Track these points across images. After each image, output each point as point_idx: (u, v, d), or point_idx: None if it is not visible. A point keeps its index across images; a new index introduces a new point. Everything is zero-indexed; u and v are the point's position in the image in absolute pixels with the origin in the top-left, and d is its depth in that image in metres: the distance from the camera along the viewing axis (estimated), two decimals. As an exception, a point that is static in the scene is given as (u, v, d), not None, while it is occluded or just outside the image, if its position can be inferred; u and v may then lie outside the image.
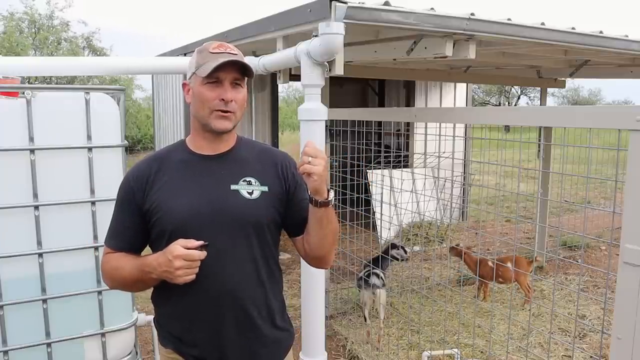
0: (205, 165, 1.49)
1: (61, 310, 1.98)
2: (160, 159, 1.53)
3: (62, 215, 1.94)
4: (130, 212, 1.48)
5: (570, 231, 6.46)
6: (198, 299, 1.44)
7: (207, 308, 1.45)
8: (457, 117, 2.34)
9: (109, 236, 1.52)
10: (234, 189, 1.47)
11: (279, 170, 1.55)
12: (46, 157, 1.89)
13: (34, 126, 1.86)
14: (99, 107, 1.97)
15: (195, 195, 1.45)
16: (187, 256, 1.30)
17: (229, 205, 1.45)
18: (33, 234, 1.89)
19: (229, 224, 1.45)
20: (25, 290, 1.91)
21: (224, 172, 1.49)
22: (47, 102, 1.90)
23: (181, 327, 1.50)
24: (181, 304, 1.47)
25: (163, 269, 1.32)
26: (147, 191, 1.46)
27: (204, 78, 1.40)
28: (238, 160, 1.53)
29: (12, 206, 1.85)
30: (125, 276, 1.44)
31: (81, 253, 1.99)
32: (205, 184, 1.47)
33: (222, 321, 1.46)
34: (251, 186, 1.49)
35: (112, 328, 2.08)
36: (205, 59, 1.42)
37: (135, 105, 20.84)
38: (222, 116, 1.43)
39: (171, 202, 1.44)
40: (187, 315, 1.48)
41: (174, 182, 1.47)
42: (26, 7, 15.79)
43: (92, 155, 1.96)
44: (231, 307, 1.46)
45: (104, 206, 2.00)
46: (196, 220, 1.42)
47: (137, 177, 1.49)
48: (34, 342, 1.94)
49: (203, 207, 1.44)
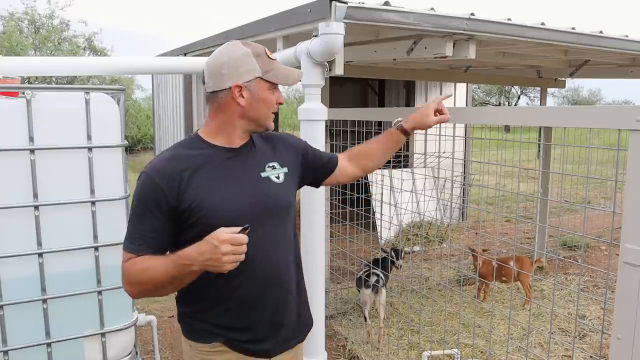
0: (233, 158, 1.53)
1: (61, 310, 1.98)
2: (184, 156, 1.48)
3: (62, 215, 1.94)
4: (160, 214, 1.41)
5: (570, 231, 6.46)
6: (249, 287, 1.50)
7: (259, 292, 1.52)
8: (457, 117, 2.33)
9: (131, 240, 1.44)
10: (264, 176, 1.56)
11: (289, 147, 1.70)
12: (46, 157, 1.89)
13: (34, 126, 1.86)
14: (99, 107, 1.97)
15: (234, 188, 1.49)
16: (233, 240, 1.28)
17: (264, 193, 1.53)
18: (33, 234, 1.89)
19: (269, 210, 1.53)
20: (25, 290, 1.91)
21: (251, 162, 1.56)
22: (47, 102, 1.90)
23: (233, 316, 1.52)
24: (231, 295, 1.50)
25: (207, 257, 1.28)
26: (181, 190, 1.42)
27: (271, 83, 1.51)
28: (257, 149, 1.60)
29: (12, 206, 1.85)
30: (157, 276, 1.37)
31: (81, 253, 1.99)
32: (240, 176, 1.52)
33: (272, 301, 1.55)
34: (276, 170, 1.60)
35: (112, 328, 2.08)
36: (271, 65, 1.50)
37: (135, 105, 20.86)
38: (273, 117, 1.57)
39: (213, 198, 1.44)
40: (241, 304, 1.51)
41: (210, 177, 1.47)
42: (27, 7, 15.79)
43: (92, 155, 1.96)
44: (281, 291, 1.56)
45: (104, 206, 2.00)
46: (241, 212, 1.46)
47: (165, 177, 1.42)
48: (34, 342, 1.94)
49: (244, 198, 1.49)
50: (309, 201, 2.28)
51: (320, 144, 2.18)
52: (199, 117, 5.74)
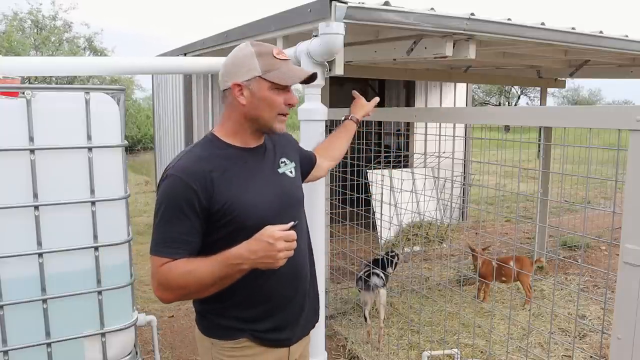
0: (253, 157, 1.57)
1: (61, 310, 1.98)
2: (207, 157, 1.48)
3: (62, 215, 1.94)
4: (194, 215, 1.40)
5: (570, 231, 6.46)
6: (276, 278, 1.53)
7: (284, 283, 1.57)
8: (457, 117, 2.33)
9: (164, 245, 1.40)
10: (281, 172, 1.63)
11: (289, 143, 1.78)
12: (46, 157, 1.89)
13: (34, 126, 1.85)
14: (99, 107, 1.97)
15: (261, 186, 1.53)
16: (287, 236, 1.34)
17: (286, 188, 1.61)
18: (33, 234, 1.89)
19: (292, 205, 1.61)
20: (25, 290, 1.91)
21: (267, 161, 1.61)
22: (47, 102, 1.90)
23: (258, 308, 1.55)
24: (258, 287, 1.53)
25: (261, 255, 1.33)
26: (212, 191, 1.42)
27: (272, 83, 1.48)
28: (269, 147, 1.65)
29: (12, 206, 1.85)
30: (203, 278, 1.37)
31: (81, 253, 1.99)
32: (263, 174, 1.57)
33: (293, 291, 1.62)
34: (288, 165, 1.67)
35: (112, 328, 2.08)
36: (275, 65, 1.48)
37: (135, 105, 20.88)
38: (284, 119, 1.56)
39: (244, 197, 1.47)
40: (267, 298, 1.55)
41: (238, 177, 1.49)
42: (32, 8, 15.80)
43: (92, 155, 1.96)
44: (303, 280, 1.65)
45: (104, 206, 2.00)
46: (270, 209, 1.51)
47: (195, 179, 1.41)
48: (34, 342, 1.94)
49: (271, 196, 1.54)
50: (309, 201, 2.27)
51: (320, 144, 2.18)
52: (199, 117, 5.74)
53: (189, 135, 6.06)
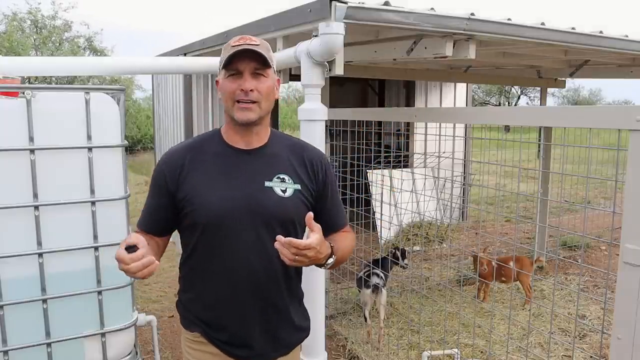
0: (240, 159, 1.51)
1: (61, 310, 1.98)
2: (194, 148, 1.54)
3: (62, 215, 1.94)
4: (161, 196, 1.52)
5: (570, 231, 6.45)
6: (226, 289, 1.50)
7: (235, 298, 1.51)
8: (457, 117, 2.34)
9: (140, 218, 1.58)
10: (268, 186, 1.49)
11: (310, 169, 1.57)
12: (46, 157, 1.89)
13: (34, 126, 1.85)
14: (99, 107, 1.97)
15: (230, 190, 1.47)
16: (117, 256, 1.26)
17: (263, 202, 1.47)
18: (33, 234, 1.89)
19: (261, 220, 1.47)
20: (25, 290, 1.91)
21: (258, 168, 1.51)
22: (47, 102, 1.90)
23: (209, 313, 1.55)
24: (209, 292, 1.53)
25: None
26: (180, 180, 1.49)
27: (226, 70, 1.45)
28: (272, 156, 1.54)
29: (12, 206, 1.85)
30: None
31: (81, 253, 1.99)
32: (240, 179, 1.49)
33: (249, 310, 1.52)
34: (284, 184, 1.51)
35: (112, 328, 2.08)
36: (227, 53, 1.45)
37: (135, 105, 20.87)
38: (244, 107, 1.44)
39: (205, 195, 1.46)
40: (216, 304, 1.53)
41: (209, 174, 1.49)
42: (31, 7, 15.80)
43: (92, 155, 1.96)
44: (258, 297, 1.51)
45: (104, 206, 2.00)
46: (229, 215, 1.45)
47: (169, 164, 1.51)
48: (34, 342, 1.94)
49: (237, 202, 1.46)
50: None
51: (320, 144, 2.17)
52: (199, 117, 5.74)
53: (189, 135, 6.06)
